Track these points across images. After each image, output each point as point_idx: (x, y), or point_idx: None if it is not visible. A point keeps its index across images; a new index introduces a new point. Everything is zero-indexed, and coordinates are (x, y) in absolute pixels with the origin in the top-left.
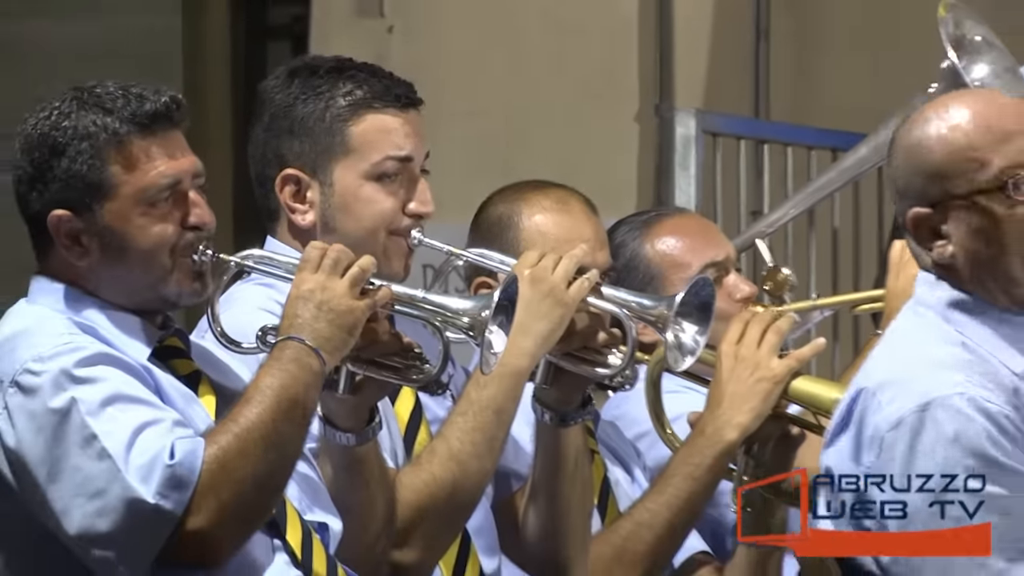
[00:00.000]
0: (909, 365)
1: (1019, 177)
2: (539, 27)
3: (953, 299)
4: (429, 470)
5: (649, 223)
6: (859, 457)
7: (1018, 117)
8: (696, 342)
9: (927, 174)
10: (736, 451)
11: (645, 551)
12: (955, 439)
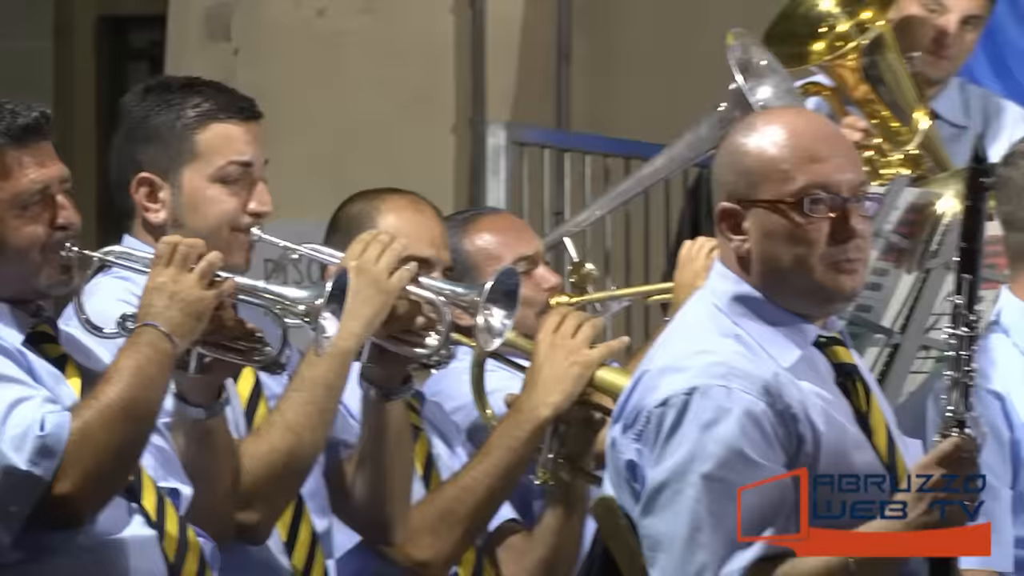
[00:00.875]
0: (685, 353)
1: (815, 196)
2: (366, 51)
3: (738, 293)
4: (268, 440)
5: (468, 221)
6: (630, 430)
7: (829, 143)
8: (504, 325)
9: (741, 174)
10: (548, 427)
11: (467, 513)
12: (708, 426)
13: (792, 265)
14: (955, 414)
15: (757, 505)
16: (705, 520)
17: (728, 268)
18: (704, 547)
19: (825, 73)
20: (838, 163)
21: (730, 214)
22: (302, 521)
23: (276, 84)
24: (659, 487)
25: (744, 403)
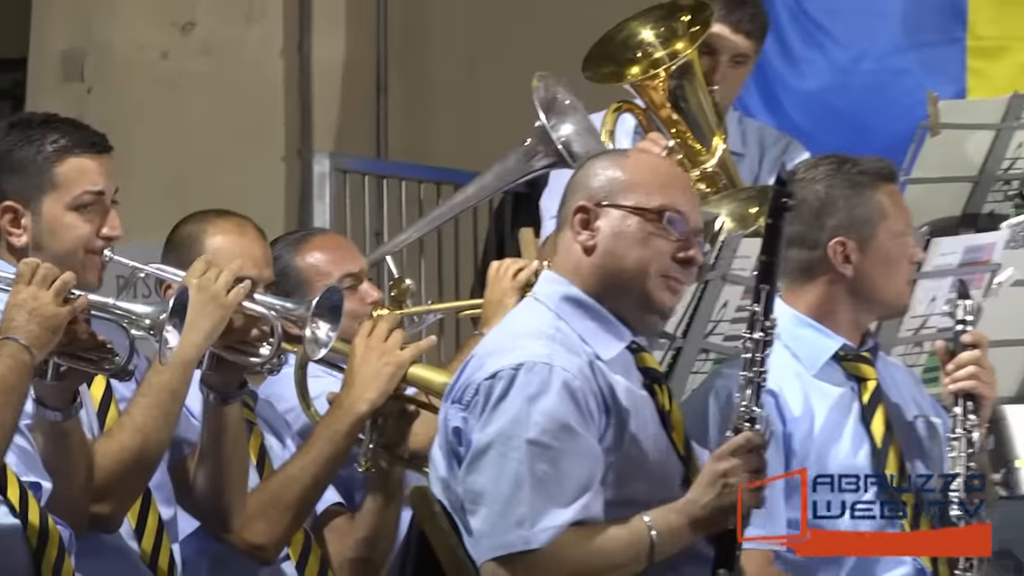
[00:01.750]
0: (512, 338)
1: (675, 218)
2: (205, 90)
3: (567, 294)
4: (119, 440)
5: (300, 240)
6: (458, 403)
7: (687, 188)
8: (329, 336)
9: (609, 181)
10: (365, 422)
11: (294, 499)
12: (533, 398)
13: (633, 266)
14: (747, 410)
15: (577, 474)
16: (527, 480)
17: (560, 274)
18: (524, 503)
19: (638, 93)
20: (692, 204)
21: (585, 212)
22: (150, 510)
23: (126, 120)
24: (484, 448)
25: (564, 379)
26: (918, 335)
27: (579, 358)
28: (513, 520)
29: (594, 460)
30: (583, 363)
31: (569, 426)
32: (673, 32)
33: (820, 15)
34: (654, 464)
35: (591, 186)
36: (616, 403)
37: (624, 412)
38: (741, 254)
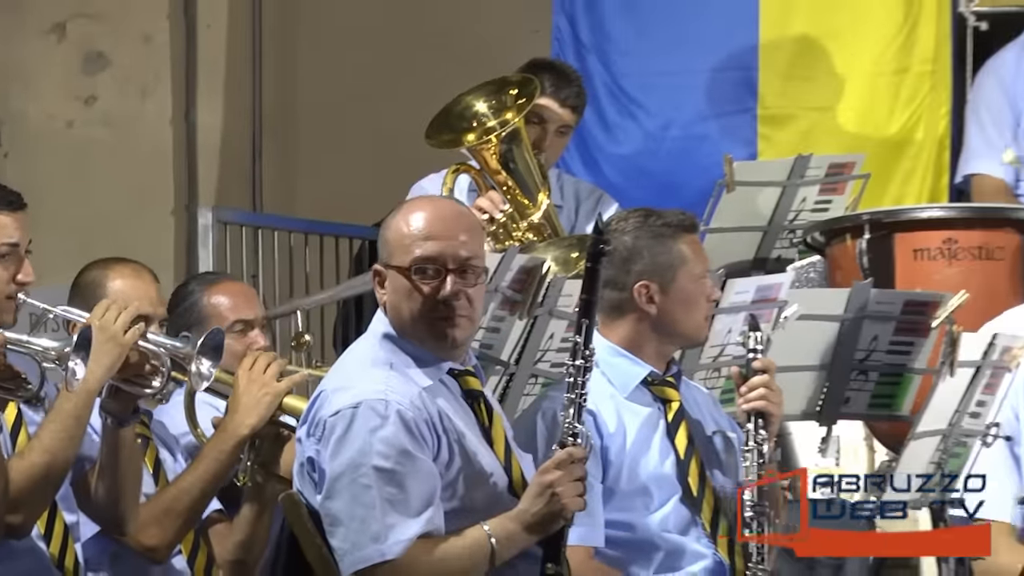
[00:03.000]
0: (352, 375)
1: (422, 268)
2: (106, 154)
3: (385, 332)
4: (30, 459)
5: (211, 282)
6: (312, 436)
7: (448, 225)
8: (210, 371)
9: (384, 244)
10: (246, 443)
11: (184, 508)
12: (374, 430)
13: (409, 316)
14: (570, 427)
15: (420, 491)
16: (377, 501)
17: (384, 315)
18: (377, 521)
19: (473, 156)
20: (452, 241)
21: (379, 274)
22: (56, 517)
23: (38, 181)
24: (337, 477)
25: (399, 410)
26: (716, 362)
27: (410, 390)
28: (369, 536)
29: (432, 478)
30: (414, 393)
31: (408, 451)
32: (503, 104)
33: (633, 89)
34: (484, 475)
35: (379, 249)
36: (444, 425)
37: (454, 432)
38: (565, 293)
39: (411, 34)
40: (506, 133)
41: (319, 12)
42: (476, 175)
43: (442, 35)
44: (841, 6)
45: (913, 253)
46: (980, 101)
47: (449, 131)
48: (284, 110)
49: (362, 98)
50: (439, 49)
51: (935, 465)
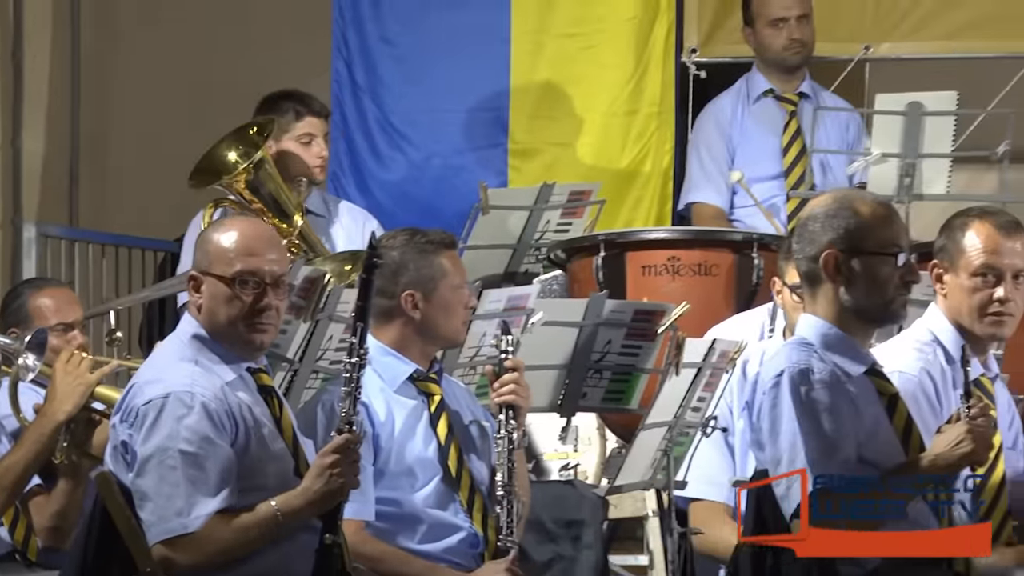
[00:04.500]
0: (162, 369)
1: (244, 279)
2: None
3: (194, 332)
4: None
5: (39, 286)
6: (125, 421)
7: (264, 243)
8: (35, 364)
9: (204, 255)
10: (63, 426)
11: (9, 484)
12: (180, 418)
13: (225, 320)
14: (346, 417)
15: (218, 472)
16: (182, 480)
17: (192, 317)
18: (181, 497)
19: (229, 190)
20: (267, 258)
21: (195, 280)
22: None
23: None
24: (147, 458)
25: (203, 401)
26: (473, 361)
27: (214, 383)
28: (174, 511)
29: (230, 462)
30: (217, 387)
31: (209, 437)
32: (249, 143)
33: (401, 125)
34: (275, 458)
35: (196, 258)
36: (243, 415)
37: (251, 421)
38: (342, 300)
39: (210, 73)
40: (252, 165)
41: (132, 50)
42: (233, 205)
43: (237, 75)
44: (581, 56)
45: (642, 269)
46: (700, 139)
47: (208, 173)
48: (99, 137)
49: (167, 128)
50: (234, 87)
51: (662, 452)
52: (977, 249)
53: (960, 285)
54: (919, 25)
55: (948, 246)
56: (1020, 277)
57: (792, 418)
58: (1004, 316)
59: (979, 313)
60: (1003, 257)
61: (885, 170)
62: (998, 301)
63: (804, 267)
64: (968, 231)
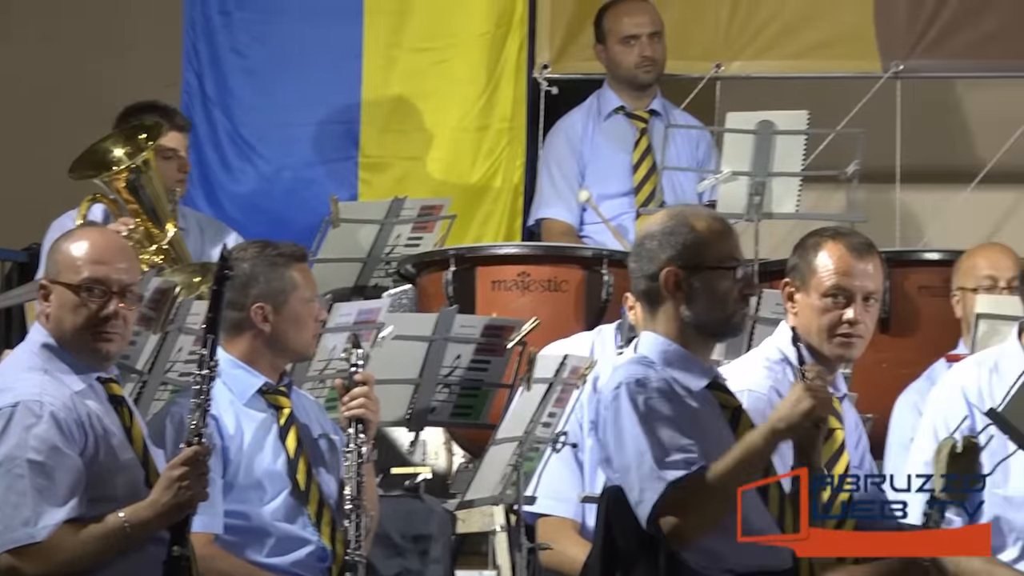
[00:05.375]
0: (11, 378)
1: (89, 288)
2: None
3: (43, 342)
4: None
5: None
6: None
7: (112, 253)
8: None
9: (55, 262)
10: None
11: None
12: (29, 427)
13: (71, 328)
14: (196, 429)
15: (67, 483)
16: (29, 490)
17: (41, 326)
18: (28, 507)
19: (108, 188)
20: (116, 267)
21: (44, 288)
22: None
23: None
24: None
25: (52, 411)
26: (322, 375)
27: (63, 393)
28: (20, 520)
29: (78, 472)
30: (67, 396)
31: (58, 447)
32: (134, 141)
33: (251, 138)
34: (125, 468)
35: (47, 266)
36: (92, 424)
37: (100, 430)
38: (193, 312)
39: (60, 81)
40: (135, 165)
41: None
42: (110, 204)
43: (86, 85)
44: (433, 71)
45: (492, 284)
46: (551, 155)
47: (89, 167)
48: None
49: (12, 137)
50: (82, 97)
51: (512, 467)
52: (829, 270)
53: (811, 305)
54: (770, 44)
55: (800, 265)
56: (870, 299)
57: (635, 424)
58: (853, 338)
59: (828, 334)
60: (854, 279)
61: (735, 188)
62: (847, 323)
63: (643, 285)
64: (821, 251)
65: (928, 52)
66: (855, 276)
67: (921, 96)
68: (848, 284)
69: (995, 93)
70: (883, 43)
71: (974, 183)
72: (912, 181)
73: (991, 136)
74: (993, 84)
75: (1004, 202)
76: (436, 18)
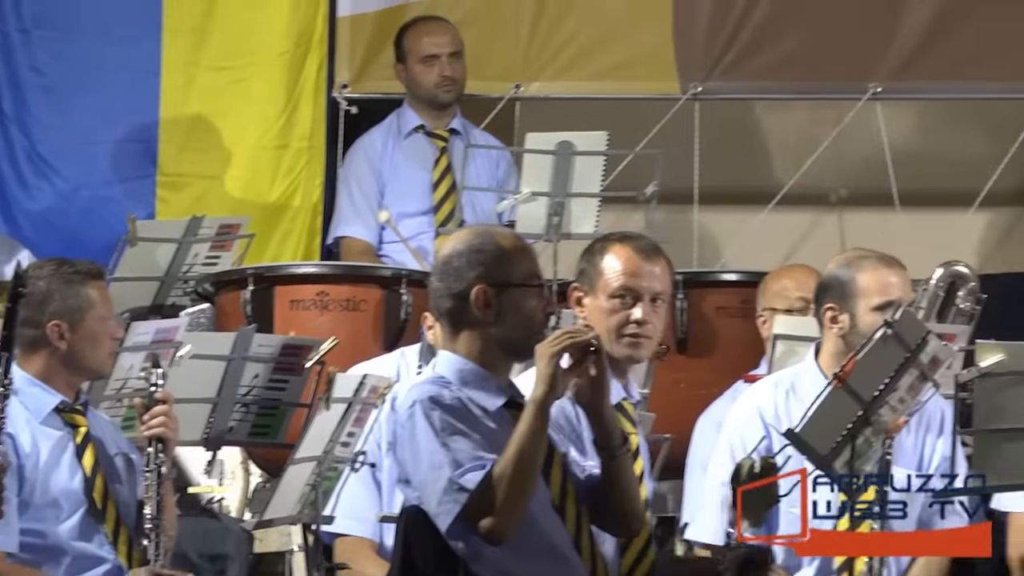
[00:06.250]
0: None
1: None
2: None
3: None
4: None
5: None
6: None
7: None
8: None
9: None
10: None
11: None
12: None
13: None
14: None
15: None
16: None
17: None
18: None
19: None
20: None
21: None
22: None
23: None
24: None
25: None
26: (120, 393)
27: None
28: None
29: None
30: None
31: None
32: None
33: (49, 156)
34: None
35: None
36: None
37: None
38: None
39: None
40: None
41: None
42: None
43: None
44: (232, 90)
45: (290, 303)
46: (350, 174)
47: None
48: None
49: None
50: None
51: (310, 487)
52: (616, 271)
53: (599, 307)
54: (569, 65)
55: (588, 270)
56: (658, 300)
57: (431, 439)
58: (641, 338)
59: (616, 334)
60: (642, 280)
61: (534, 208)
62: (635, 323)
63: (448, 304)
64: (608, 254)
65: (726, 74)
66: (642, 277)
67: (719, 118)
68: (635, 284)
69: (793, 115)
70: (682, 65)
71: (771, 204)
72: (710, 202)
73: (788, 158)
74: (791, 106)
75: (801, 224)
76: (235, 37)
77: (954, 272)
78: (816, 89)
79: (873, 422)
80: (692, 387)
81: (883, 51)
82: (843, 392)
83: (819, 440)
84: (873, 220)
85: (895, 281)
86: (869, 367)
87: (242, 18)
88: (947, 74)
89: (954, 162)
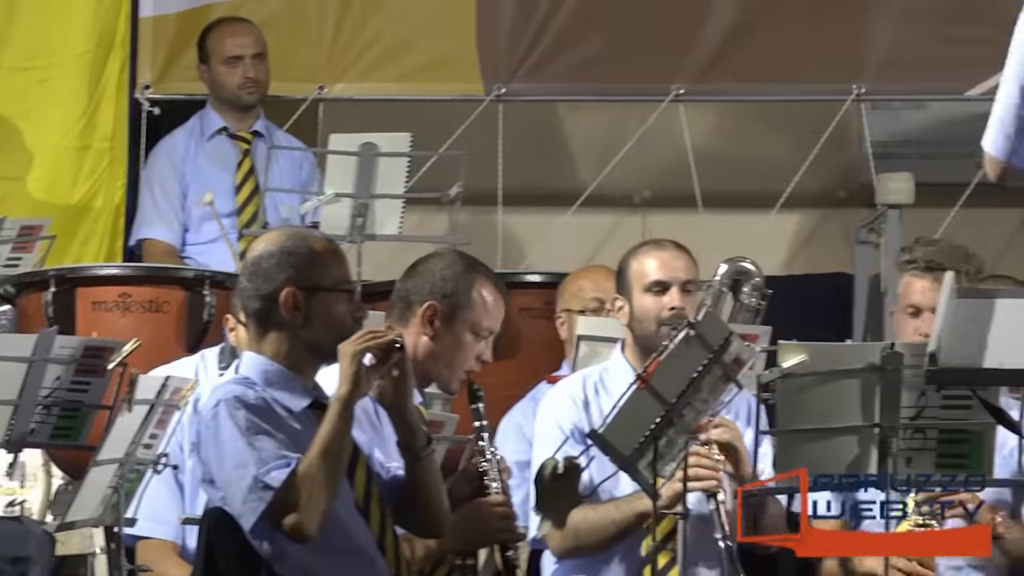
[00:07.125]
0: None
1: None
2: None
3: None
4: None
5: None
6: None
7: None
8: None
9: None
10: None
11: None
12: None
13: None
14: None
15: None
16: None
17: None
18: None
19: None
20: None
21: None
22: None
23: None
24: None
25: None
26: None
27: None
28: None
29: None
30: None
31: None
32: None
33: None
34: None
35: None
36: None
37: None
38: None
39: None
40: None
41: None
42: None
43: None
44: (34, 90)
45: (92, 305)
46: (153, 175)
47: None
48: None
49: None
50: None
51: (113, 489)
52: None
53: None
54: (373, 66)
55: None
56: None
57: (235, 438)
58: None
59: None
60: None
61: (338, 210)
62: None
63: (256, 304)
64: (477, 288)
65: (530, 76)
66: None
67: (523, 119)
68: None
69: (596, 117)
70: (485, 66)
71: (575, 206)
72: (514, 204)
73: (592, 159)
74: (594, 108)
75: (604, 225)
76: (37, 37)
77: (738, 268)
78: (619, 91)
79: (676, 423)
80: (495, 389)
81: (686, 53)
82: (646, 393)
83: (622, 441)
84: (676, 221)
85: (662, 262)
86: (672, 368)
87: (44, 19)
88: (749, 76)
89: (757, 164)
